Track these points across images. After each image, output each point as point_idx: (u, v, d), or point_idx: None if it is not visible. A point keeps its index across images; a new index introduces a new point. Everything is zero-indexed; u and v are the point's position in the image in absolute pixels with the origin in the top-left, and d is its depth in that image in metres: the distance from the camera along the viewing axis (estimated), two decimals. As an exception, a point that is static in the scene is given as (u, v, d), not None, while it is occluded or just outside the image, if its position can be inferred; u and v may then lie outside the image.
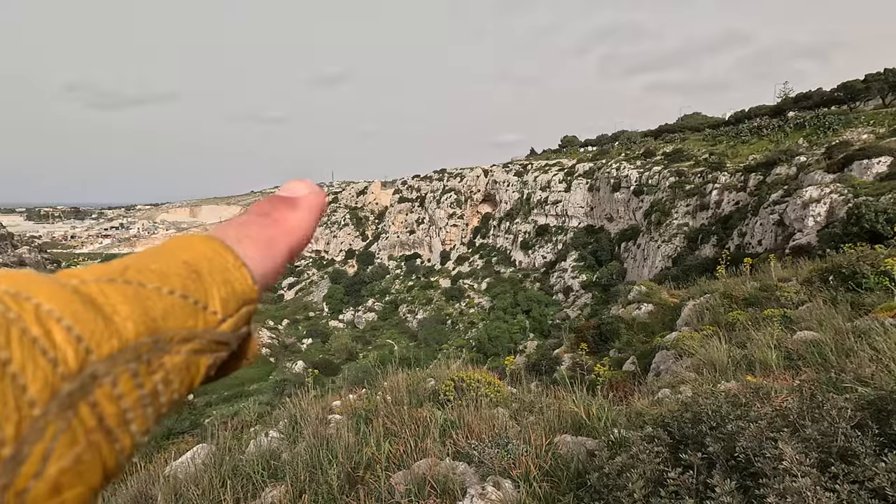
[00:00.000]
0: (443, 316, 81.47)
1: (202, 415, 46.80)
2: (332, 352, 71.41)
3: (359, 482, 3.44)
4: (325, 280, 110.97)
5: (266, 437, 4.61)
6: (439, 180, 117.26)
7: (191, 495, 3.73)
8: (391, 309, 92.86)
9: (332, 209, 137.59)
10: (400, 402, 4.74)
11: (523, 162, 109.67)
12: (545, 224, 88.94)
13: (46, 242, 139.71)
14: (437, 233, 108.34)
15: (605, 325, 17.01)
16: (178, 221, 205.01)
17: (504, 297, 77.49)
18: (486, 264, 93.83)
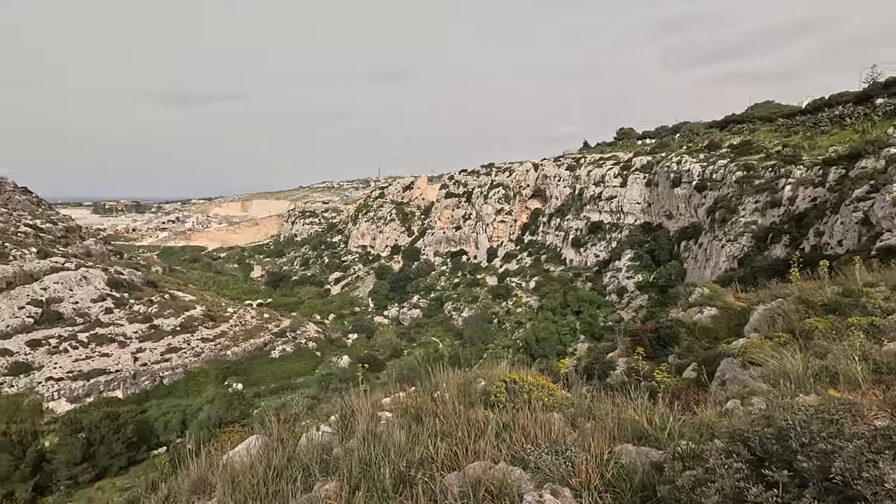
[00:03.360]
0: (489, 315, 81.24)
1: (251, 406, 49.01)
2: (377, 348, 72.78)
3: (411, 481, 3.48)
4: (371, 276, 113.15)
5: (318, 430, 4.75)
6: (487, 175, 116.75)
7: (247, 484, 3.90)
8: (436, 306, 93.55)
9: (378, 204, 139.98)
10: (451, 402, 4.75)
11: (576, 156, 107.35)
12: (598, 221, 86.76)
13: (110, 235, 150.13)
14: (483, 229, 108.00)
15: (664, 328, 16.41)
16: (229, 215, 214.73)
17: (553, 296, 76.31)
18: (534, 262, 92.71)
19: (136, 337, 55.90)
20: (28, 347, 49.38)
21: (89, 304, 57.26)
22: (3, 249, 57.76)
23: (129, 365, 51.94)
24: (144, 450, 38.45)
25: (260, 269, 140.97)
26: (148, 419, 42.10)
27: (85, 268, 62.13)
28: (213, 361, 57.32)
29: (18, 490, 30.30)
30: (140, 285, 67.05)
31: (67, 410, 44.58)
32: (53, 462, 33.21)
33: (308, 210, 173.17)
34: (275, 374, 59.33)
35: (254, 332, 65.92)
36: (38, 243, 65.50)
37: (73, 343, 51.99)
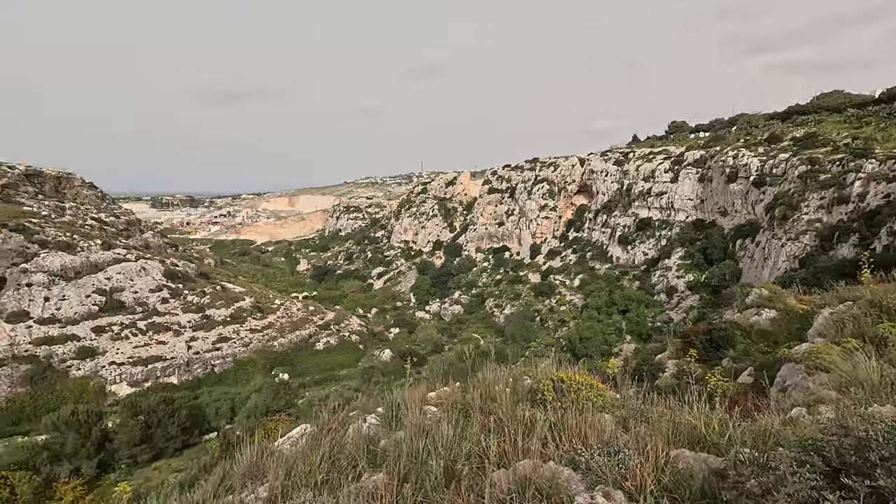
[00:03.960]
0: (531, 312, 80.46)
1: (296, 395, 50.59)
2: (419, 342, 73.44)
3: (457, 476, 3.49)
4: (413, 271, 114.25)
5: (364, 422, 4.84)
6: (531, 170, 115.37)
7: (297, 471, 4.02)
8: (478, 302, 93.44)
9: (420, 200, 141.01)
10: (498, 399, 4.73)
11: (624, 150, 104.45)
12: (647, 217, 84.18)
13: (166, 228, 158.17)
14: (527, 225, 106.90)
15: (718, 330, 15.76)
16: (277, 210, 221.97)
17: (599, 295, 74.70)
18: (579, 259, 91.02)
19: (189, 326, 58.74)
20: (93, 333, 52.81)
21: (147, 294, 60.61)
22: (71, 241, 61.91)
23: (183, 353, 54.66)
24: (197, 434, 40.40)
25: (306, 262, 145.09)
26: (200, 405, 44.18)
27: (144, 259, 65.77)
28: (260, 351, 59.51)
29: (85, 466, 32.52)
30: (194, 277, 70.35)
31: (128, 394, 47.44)
32: (115, 442, 35.41)
33: (352, 205, 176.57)
34: (319, 365, 60.96)
35: (299, 324, 67.94)
36: (103, 236, 69.83)
37: (133, 330, 55.20)
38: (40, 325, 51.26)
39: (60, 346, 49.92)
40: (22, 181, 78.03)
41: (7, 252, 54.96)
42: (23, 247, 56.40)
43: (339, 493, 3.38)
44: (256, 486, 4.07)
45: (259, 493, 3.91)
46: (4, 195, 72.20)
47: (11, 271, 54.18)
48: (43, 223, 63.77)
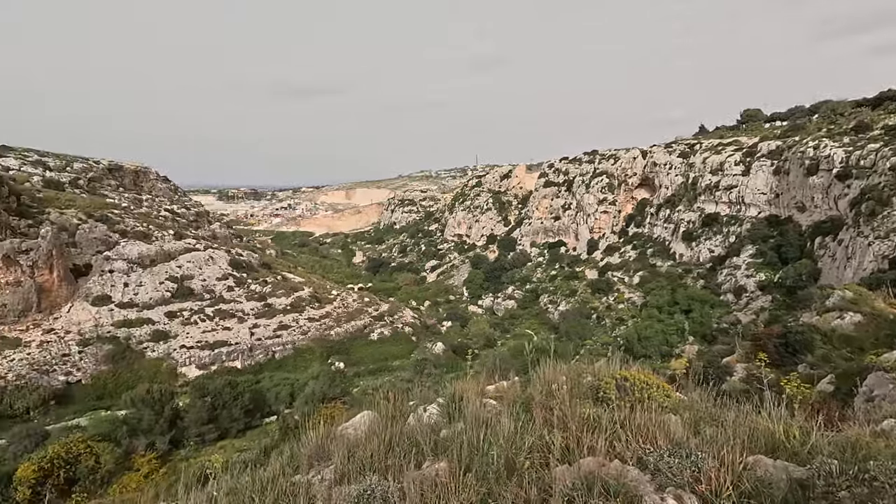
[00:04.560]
0: (587, 309, 78.71)
1: (351, 384, 52.12)
2: (471, 336, 73.67)
3: (519, 469, 3.49)
4: (466, 264, 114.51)
5: (425, 411, 4.94)
6: (590, 163, 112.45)
7: (360, 455, 4.17)
8: (531, 298, 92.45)
9: (474, 193, 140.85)
10: (558, 395, 4.69)
11: (690, 141, 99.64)
12: (714, 212, 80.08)
13: (232, 220, 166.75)
14: (584, 220, 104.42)
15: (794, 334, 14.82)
16: (335, 203, 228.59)
17: (660, 293, 71.94)
18: (639, 256, 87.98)
19: (252, 314, 61.76)
20: (166, 318, 56.64)
21: (215, 282, 64.22)
22: (147, 231, 66.59)
23: (246, 339, 57.60)
24: (258, 417, 42.53)
25: (361, 254, 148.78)
26: (261, 389, 46.44)
27: (212, 249, 69.71)
28: (318, 340, 61.71)
29: (158, 441, 35.05)
30: (257, 266, 73.83)
31: (196, 376, 50.60)
32: (185, 420, 37.89)
33: (406, 199, 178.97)
34: (373, 355, 62.48)
35: (355, 315, 69.84)
36: (175, 226, 74.62)
37: (202, 316, 58.71)
38: (120, 308, 55.55)
39: (137, 329, 53.90)
40: (105, 175, 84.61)
41: (93, 240, 59.86)
42: (106, 236, 61.23)
43: (403, 477, 3.47)
44: (322, 468, 4.25)
45: (325, 475, 4.09)
46: (91, 188, 78.59)
47: (96, 258, 58.96)
48: (123, 214, 68.94)
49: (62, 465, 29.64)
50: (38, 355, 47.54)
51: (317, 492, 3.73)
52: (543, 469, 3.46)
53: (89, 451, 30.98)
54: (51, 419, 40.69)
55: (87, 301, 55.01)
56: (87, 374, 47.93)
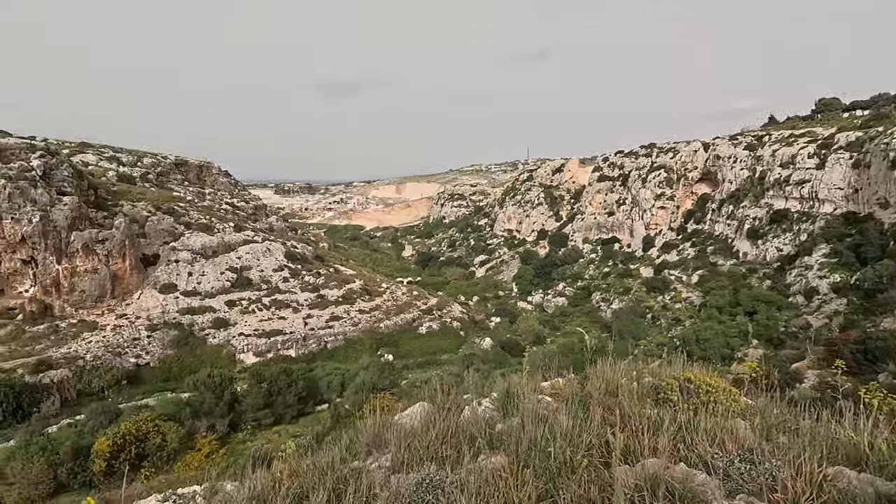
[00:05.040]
0: (642, 308, 76.32)
1: (399, 376, 52.99)
2: (520, 333, 73.12)
3: (577, 467, 3.45)
4: (516, 260, 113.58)
5: (479, 405, 4.97)
6: (646, 156, 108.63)
7: (416, 445, 4.25)
8: (583, 295, 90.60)
9: (525, 188, 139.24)
10: (618, 394, 4.59)
11: (757, 133, 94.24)
12: (783, 209, 75.50)
13: (287, 213, 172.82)
14: (640, 215, 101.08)
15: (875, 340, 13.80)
16: (385, 197, 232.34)
17: (720, 293, 68.70)
18: (699, 254, 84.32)
19: (306, 304, 63.94)
20: (226, 307, 59.59)
21: (271, 273, 66.90)
22: (210, 223, 70.16)
23: (300, 328, 59.72)
24: (311, 404, 44.04)
25: (410, 248, 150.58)
26: (314, 378, 48.06)
27: (269, 241, 72.61)
28: (368, 332, 63.13)
29: (218, 423, 37.03)
30: (310, 259, 76.28)
31: (253, 363, 53.00)
32: (243, 405, 39.80)
33: (456, 193, 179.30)
34: (421, 349, 63.24)
35: (404, 308, 70.90)
36: (235, 219, 78.20)
37: (259, 306, 61.36)
38: (185, 296, 58.92)
39: (200, 316, 57.00)
40: (172, 170, 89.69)
41: (160, 232, 63.72)
42: (172, 227, 65.01)
43: (460, 469, 3.51)
44: (379, 456, 4.37)
45: (382, 462, 4.19)
46: (159, 182, 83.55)
47: (163, 248, 62.75)
48: (188, 207, 72.91)
49: (133, 442, 31.91)
50: (112, 338, 51.25)
51: (374, 478, 3.83)
52: (603, 468, 3.40)
53: (157, 429, 33.16)
54: (123, 398, 43.82)
55: (155, 289, 58.69)
56: (155, 358, 51.22)
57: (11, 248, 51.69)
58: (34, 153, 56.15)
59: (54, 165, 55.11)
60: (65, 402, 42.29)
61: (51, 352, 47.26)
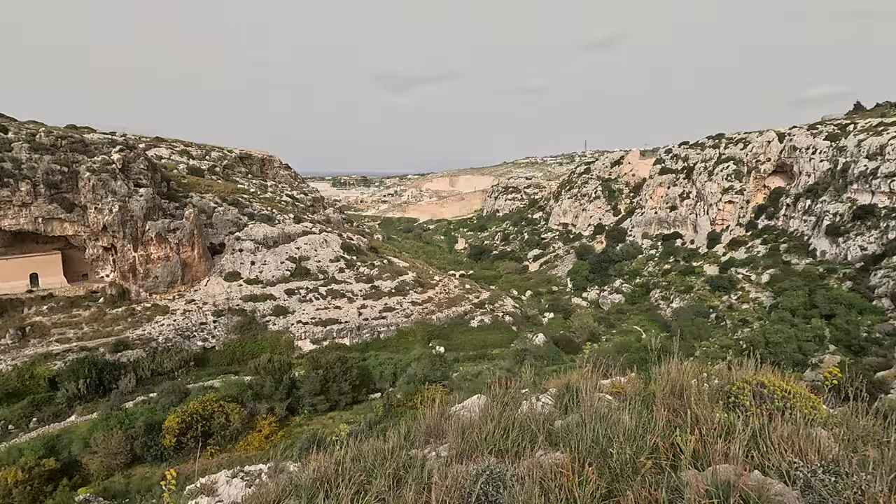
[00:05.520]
0: (705, 308, 73.01)
1: (450, 368, 53.40)
2: (574, 330, 71.78)
3: (640, 468, 3.37)
4: (571, 255, 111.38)
5: (538, 400, 4.93)
6: (714, 147, 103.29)
7: (474, 437, 4.28)
8: (641, 293, 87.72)
9: (582, 181, 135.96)
10: (683, 396, 4.42)
11: (841, 121, 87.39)
12: (869, 204, 69.83)
13: (343, 205, 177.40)
14: (705, 210, 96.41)
15: (976, 350, 12.57)
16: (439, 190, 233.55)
17: (794, 294, 64.53)
18: (770, 252, 79.51)
19: (361, 295, 65.57)
20: (286, 295, 62.09)
21: (328, 264, 69.03)
22: (271, 214, 73.18)
23: (354, 318, 61.36)
24: (364, 392, 45.24)
25: (463, 241, 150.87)
26: (367, 367, 49.31)
27: (326, 233, 74.88)
28: (420, 323, 63.96)
29: (277, 406, 38.80)
30: (365, 250, 78.05)
31: (310, 350, 55.03)
32: (300, 390, 41.48)
33: (510, 186, 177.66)
34: (472, 342, 63.36)
35: (456, 301, 71.26)
36: (294, 210, 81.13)
37: (316, 295, 63.52)
38: (248, 284, 61.87)
39: (261, 304, 59.72)
40: (237, 162, 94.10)
41: (226, 222, 67.12)
42: (237, 218, 68.33)
43: (520, 462, 3.51)
44: (437, 445, 4.44)
45: (440, 452, 4.26)
46: (225, 174, 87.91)
47: (228, 238, 66.08)
48: (251, 199, 76.33)
49: (199, 420, 34.01)
50: (181, 322, 54.67)
51: (433, 467, 3.90)
52: (670, 471, 3.30)
53: (221, 409, 35.16)
54: (190, 379, 46.72)
55: (221, 276, 61.97)
56: (220, 342, 54.21)
57: (94, 236, 56.08)
58: (114, 147, 60.50)
59: (132, 159, 59.14)
60: (140, 380, 45.56)
61: (128, 333, 51.03)
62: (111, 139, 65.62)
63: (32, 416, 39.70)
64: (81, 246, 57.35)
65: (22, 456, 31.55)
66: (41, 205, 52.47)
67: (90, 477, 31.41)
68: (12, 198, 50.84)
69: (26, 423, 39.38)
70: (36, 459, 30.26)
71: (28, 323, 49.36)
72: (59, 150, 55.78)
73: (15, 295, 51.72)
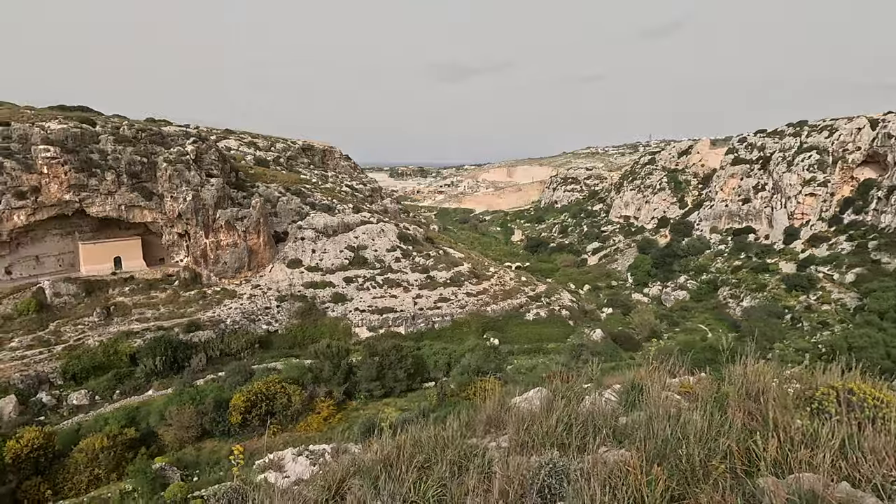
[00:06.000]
0: (779, 308, 68.71)
1: (504, 361, 53.26)
2: (633, 326, 69.62)
3: (711, 471, 3.23)
4: (632, 249, 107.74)
5: (601, 396, 4.83)
6: (794, 136, 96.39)
7: (536, 429, 4.26)
8: (708, 290, 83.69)
9: (646, 171, 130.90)
10: (760, 399, 4.19)
11: (946, 106, 78.90)
12: (977, 198, 62.93)
13: (400, 196, 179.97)
14: (782, 203, 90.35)
15: None
16: (495, 181, 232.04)
17: (884, 296, 59.45)
18: (857, 249, 73.54)
19: (416, 284, 66.49)
20: (344, 283, 63.99)
21: (385, 253, 70.43)
22: (331, 204, 75.45)
23: (410, 307, 62.35)
24: (418, 381, 46.02)
25: (520, 233, 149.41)
26: (422, 356, 50.05)
27: (383, 223, 76.36)
28: (474, 314, 64.10)
29: (335, 390, 40.24)
30: (421, 241, 78.96)
31: (367, 336, 56.53)
32: (357, 375, 42.77)
33: (570, 176, 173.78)
34: (528, 335, 62.82)
35: (511, 293, 70.82)
36: (353, 200, 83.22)
37: (373, 283, 65.05)
38: (308, 271, 64.24)
39: (321, 291, 61.88)
40: (300, 154, 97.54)
41: (289, 211, 69.88)
42: (299, 207, 70.96)
43: (583, 457, 3.46)
44: (497, 436, 4.45)
45: (500, 442, 4.27)
46: (288, 165, 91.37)
47: (291, 227, 68.79)
48: (312, 189, 78.97)
49: (263, 400, 35.83)
50: (247, 306, 57.62)
51: (493, 457, 3.92)
52: (745, 477, 3.15)
53: (283, 390, 36.86)
54: (255, 360, 49.22)
55: (284, 263, 64.68)
56: (282, 326, 56.70)
57: (170, 223, 60.00)
58: (188, 139, 64.26)
59: (204, 150, 62.61)
60: (209, 359, 48.51)
61: (199, 315, 54.38)
62: (185, 131, 69.75)
63: (116, 389, 43.25)
64: (159, 232, 61.52)
65: (107, 424, 34.47)
66: (124, 193, 56.65)
67: (165, 447, 33.89)
68: (99, 186, 55.19)
69: (111, 394, 42.99)
70: (119, 428, 32.98)
71: (112, 303, 53.64)
72: (140, 142, 59.91)
73: (101, 276, 56.30)
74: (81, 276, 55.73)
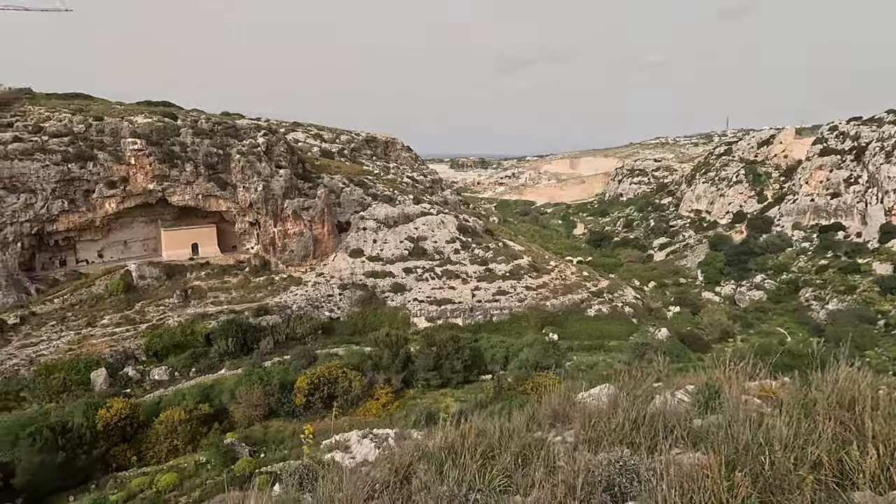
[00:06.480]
0: (871, 312, 63.29)
1: (563, 357, 52.36)
2: (703, 326, 66.40)
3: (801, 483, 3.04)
4: (703, 245, 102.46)
5: (672, 396, 4.66)
6: (895, 123, 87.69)
7: (602, 427, 4.17)
8: (788, 290, 78.32)
9: (721, 163, 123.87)
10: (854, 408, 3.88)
11: None
12: None
13: (461, 187, 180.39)
14: (878, 198, 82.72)
15: None
16: (558, 173, 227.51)
17: None
18: (967, 250, 66.22)
19: (475, 277, 66.60)
20: (404, 273, 65.14)
21: (444, 245, 70.97)
22: (392, 195, 76.85)
23: (468, 299, 62.59)
24: (475, 373, 46.20)
25: (582, 226, 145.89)
26: (479, 348, 50.15)
27: (443, 214, 76.90)
28: (533, 309, 63.42)
29: (394, 378, 41.20)
30: (481, 233, 78.87)
31: (425, 327, 57.34)
32: (415, 364, 43.54)
33: (637, 168, 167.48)
34: (588, 331, 61.42)
35: (572, 288, 69.44)
36: (414, 191, 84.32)
37: (432, 274, 65.79)
38: (370, 261, 65.89)
39: (381, 280, 63.32)
40: (363, 145, 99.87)
41: (352, 202, 71.86)
42: (362, 198, 72.80)
43: (656, 458, 3.36)
44: (562, 430, 4.40)
45: (565, 437, 4.22)
46: (352, 156, 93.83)
47: (353, 217, 70.74)
48: (374, 180, 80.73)
49: (326, 383, 37.27)
50: (312, 293, 59.97)
51: (559, 451, 3.88)
52: (837, 490, 2.94)
53: (344, 375, 38.18)
54: (318, 345, 51.24)
55: (346, 253, 66.68)
56: (344, 313, 58.60)
57: (242, 212, 63.34)
58: (259, 132, 67.39)
59: (273, 142, 65.46)
60: (276, 343, 50.97)
61: (268, 300, 57.21)
62: (257, 124, 73.15)
63: (192, 367, 46.43)
64: (232, 220, 65.12)
65: (184, 399, 37.09)
66: (201, 183, 60.35)
67: (235, 424, 36.04)
68: (179, 177, 59.11)
69: (188, 371, 46.21)
70: (195, 404, 35.39)
71: (190, 286, 57.47)
72: (216, 134, 63.51)
73: (180, 261, 60.43)
74: (163, 261, 60.10)
